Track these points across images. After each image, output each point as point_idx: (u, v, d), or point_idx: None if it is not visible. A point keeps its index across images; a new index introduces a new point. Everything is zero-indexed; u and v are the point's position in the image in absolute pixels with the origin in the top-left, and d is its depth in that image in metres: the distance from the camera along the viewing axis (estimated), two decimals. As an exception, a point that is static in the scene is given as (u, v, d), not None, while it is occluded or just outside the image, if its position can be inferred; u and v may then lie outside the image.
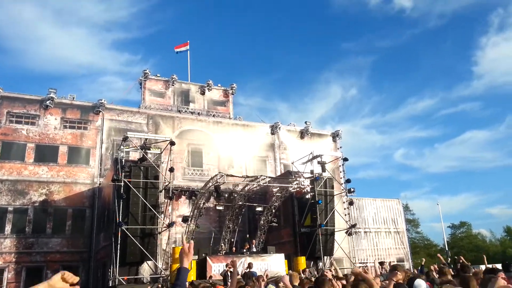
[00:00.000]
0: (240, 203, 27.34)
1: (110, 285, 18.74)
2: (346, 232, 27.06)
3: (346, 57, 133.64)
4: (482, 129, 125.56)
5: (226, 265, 17.07)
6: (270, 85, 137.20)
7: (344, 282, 6.67)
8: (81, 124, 29.12)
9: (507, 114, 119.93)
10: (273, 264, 20.74)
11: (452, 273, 8.01)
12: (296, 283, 8.65)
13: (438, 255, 16.93)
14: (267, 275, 9.60)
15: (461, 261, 12.43)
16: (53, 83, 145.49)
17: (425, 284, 4.84)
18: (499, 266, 8.43)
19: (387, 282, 5.03)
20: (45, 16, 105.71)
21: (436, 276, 7.88)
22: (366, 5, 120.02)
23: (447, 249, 40.62)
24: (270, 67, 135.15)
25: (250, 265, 16.66)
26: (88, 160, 28.52)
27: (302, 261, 22.87)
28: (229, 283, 14.75)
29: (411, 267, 32.97)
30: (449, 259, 26.26)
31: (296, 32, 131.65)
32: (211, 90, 35.39)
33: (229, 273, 16.13)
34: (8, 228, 25.58)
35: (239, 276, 15.73)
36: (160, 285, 18.23)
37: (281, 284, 10.69)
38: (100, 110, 29.34)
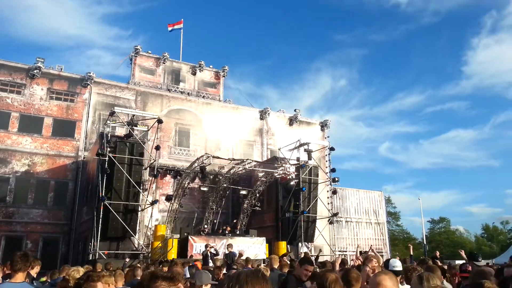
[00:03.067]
0: (225, 185, 27.40)
1: (90, 258, 18.70)
2: (328, 220, 27.40)
3: (338, 49, 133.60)
4: (468, 128, 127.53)
5: (206, 246, 17.14)
6: (261, 71, 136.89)
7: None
8: (68, 96, 28.63)
9: (492, 115, 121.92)
10: (253, 247, 20.93)
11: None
12: (276, 266, 8.77)
13: (409, 245, 17.51)
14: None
15: (437, 255, 13.04)
16: (39, 53, 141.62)
17: (399, 262, 4.95)
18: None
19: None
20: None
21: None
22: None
23: (425, 243, 41.39)
24: (262, 54, 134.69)
25: (230, 246, 16.77)
26: (73, 133, 28.14)
27: (283, 245, 23.12)
28: (209, 263, 14.86)
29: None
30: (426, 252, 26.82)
31: (290, 21, 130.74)
32: (202, 71, 35.08)
33: (209, 254, 16.23)
34: (-12, 196, 25.27)
35: (220, 257, 15.87)
36: (139, 261, 18.25)
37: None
38: (88, 83, 28.85)
